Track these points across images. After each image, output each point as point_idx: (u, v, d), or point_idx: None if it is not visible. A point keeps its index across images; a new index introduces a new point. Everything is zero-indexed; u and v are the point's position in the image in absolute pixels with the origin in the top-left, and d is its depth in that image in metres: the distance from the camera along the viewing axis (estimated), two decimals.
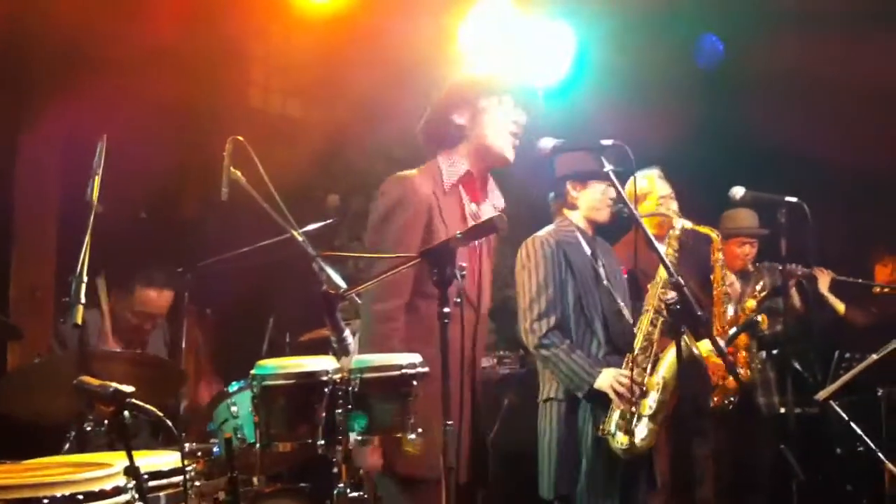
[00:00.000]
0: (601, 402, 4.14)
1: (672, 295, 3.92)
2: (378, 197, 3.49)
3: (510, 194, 3.70)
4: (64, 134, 5.43)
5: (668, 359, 4.17)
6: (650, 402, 4.13)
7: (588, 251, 4.33)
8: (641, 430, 4.11)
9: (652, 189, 5.07)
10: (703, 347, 4.81)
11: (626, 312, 4.33)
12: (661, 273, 4.30)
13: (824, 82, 6.43)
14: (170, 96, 5.55)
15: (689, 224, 4.81)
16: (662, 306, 4.20)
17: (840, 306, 6.58)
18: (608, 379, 4.10)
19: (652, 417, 4.12)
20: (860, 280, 6.63)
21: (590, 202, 4.38)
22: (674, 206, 5.03)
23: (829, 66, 6.35)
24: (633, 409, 4.09)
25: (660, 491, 4.70)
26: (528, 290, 4.23)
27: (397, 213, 3.41)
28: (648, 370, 4.17)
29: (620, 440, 4.08)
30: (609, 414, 4.12)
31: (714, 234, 4.94)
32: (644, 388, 4.13)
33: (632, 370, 4.12)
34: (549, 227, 4.40)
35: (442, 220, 3.43)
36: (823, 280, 6.55)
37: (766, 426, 5.51)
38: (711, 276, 5.00)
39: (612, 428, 4.09)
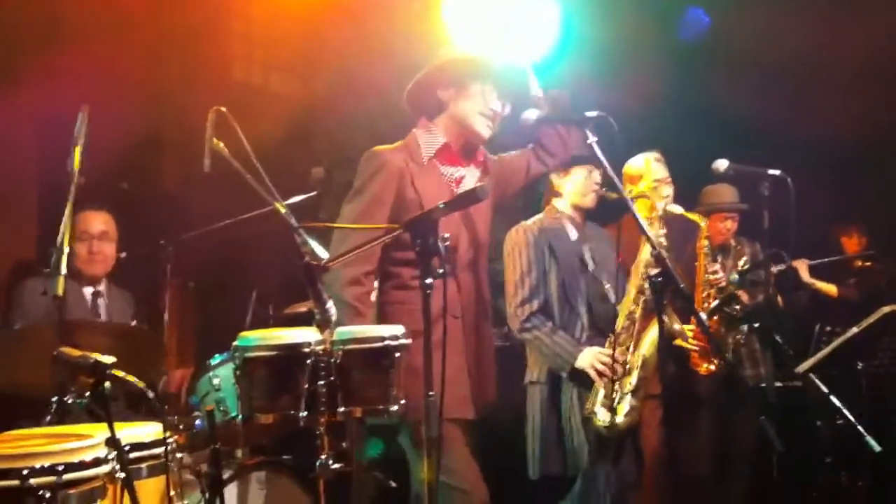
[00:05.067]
0: (585, 382, 4.17)
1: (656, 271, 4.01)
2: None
3: None
4: (44, 105, 5.36)
5: (650, 336, 4.20)
6: (632, 380, 4.15)
7: (574, 237, 4.36)
8: (624, 408, 4.14)
9: (647, 171, 5.03)
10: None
11: (612, 295, 4.34)
12: (643, 253, 4.31)
13: (807, 56, 6.44)
14: (151, 68, 5.50)
15: (678, 209, 4.79)
16: (645, 286, 4.21)
17: (831, 288, 6.63)
18: (589, 358, 4.14)
19: (634, 394, 4.16)
20: (835, 258, 6.69)
21: (574, 188, 4.40)
22: (668, 190, 4.97)
23: (811, 41, 6.35)
24: (616, 386, 4.12)
25: (651, 467, 4.76)
26: (513, 277, 4.30)
27: (367, 186, 3.62)
28: (631, 348, 4.20)
29: (603, 418, 4.10)
30: (592, 393, 4.15)
31: (702, 222, 4.91)
32: (627, 366, 4.16)
33: (614, 349, 4.13)
34: (537, 216, 4.47)
35: (415, 189, 3.59)
36: (803, 269, 6.59)
37: (751, 398, 5.54)
38: (696, 263, 4.99)
39: (596, 406, 4.12)
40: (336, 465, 3.12)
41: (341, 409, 3.08)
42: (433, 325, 3.43)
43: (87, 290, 4.75)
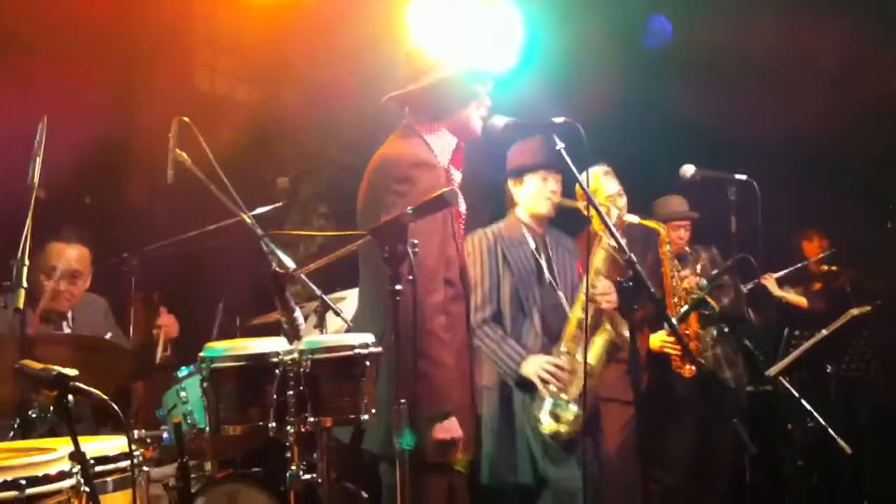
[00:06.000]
0: (532, 390, 4.16)
1: (603, 286, 4.17)
2: (394, 182, 3.39)
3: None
4: (3, 117, 5.29)
5: (598, 344, 4.20)
6: (577, 388, 4.14)
7: (532, 246, 4.36)
8: (568, 416, 4.12)
9: (599, 187, 5.00)
10: (658, 339, 4.86)
11: (567, 306, 4.34)
12: (595, 263, 4.31)
13: (769, 63, 6.49)
14: (112, 78, 5.44)
15: (635, 219, 4.81)
16: (595, 293, 4.22)
17: (801, 300, 6.68)
18: (533, 366, 4.16)
19: (578, 402, 4.13)
20: (799, 265, 6.76)
21: (528, 196, 4.42)
22: (622, 202, 4.87)
23: (773, 47, 6.40)
24: (563, 395, 4.11)
25: (616, 472, 4.76)
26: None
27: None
28: (578, 356, 4.19)
29: (549, 426, 4.10)
30: (538, 401, 4.14)
31: (661, 228, 4.96)
32: (573, 374, 4.15)
33: (561, 357, 4.13)
34: (497, 223, 4.48)
35: None
36: (772, 284, 6.65)
37: (729, 400, 5.56)
38: (661, 269, 5.02)
39: (541, 414, 4.11)
40: (307, 477, 3.07)
41: (311, 420, 3.03)
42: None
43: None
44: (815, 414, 4.74)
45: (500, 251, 4.33)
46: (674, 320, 4.75)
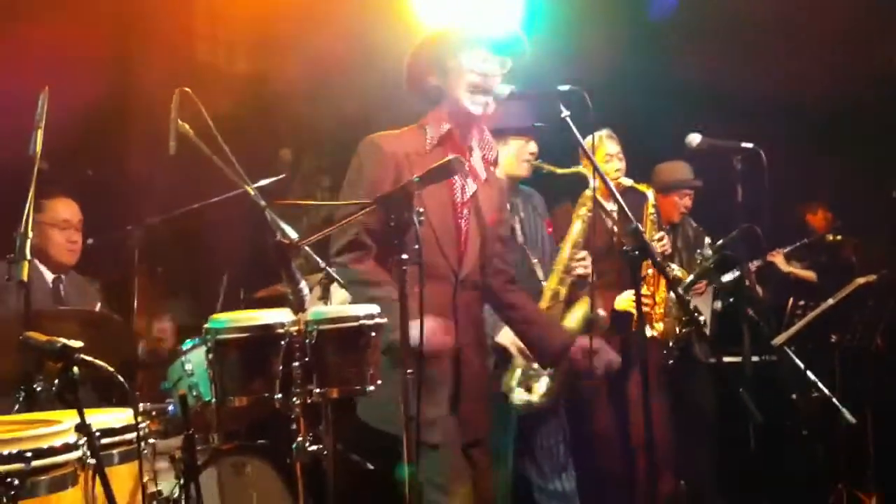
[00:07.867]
0: (502, 357, 4.12)
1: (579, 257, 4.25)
2: (353, 163, 3.52)
3: None
4: (1, 86, 5.25)
5: (575, 315, 4.19)
6: None
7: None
8: (541, 387, 4.12)
9: (600, 145, 5.11)
10: (623, 301, 4.85)
11: (540, 271, 4.32)
12: (572, 233, 4.35)
13: (777, 28, 6.44)
14: (113, 49, 5.39)
15: (628, 181, 4.95)
16: (572, 265, 4.22)
17: (810, 275, 6.67)
18: (510, 335, 4.01)
19: (552, 375, 4.11)
20: (806, 241, 6.74)
21: (509, 156, 4.42)
22: (619, 165, 5.10)
23: (779, 16, 6.35)
24: (534, 365, 4.07)
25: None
26: None
27: (364, 173, 3.43)
28: None
29: (520, 397, 4.08)
30: (510, 370, 4.10)
31: (648, 191, 5.03)
32: None
33: None
34: None
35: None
36: (780, 261, 6.63)
37: (702, 374, 5.57)
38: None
39: (513, 384, 4.09)
40: (313, 448, 3.07)
41: (317, 391, 3.03)
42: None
43: (49, 276, 4.63)
44: (820, 384, 4.73)
45: None
46: (680, 291, 4.76)
